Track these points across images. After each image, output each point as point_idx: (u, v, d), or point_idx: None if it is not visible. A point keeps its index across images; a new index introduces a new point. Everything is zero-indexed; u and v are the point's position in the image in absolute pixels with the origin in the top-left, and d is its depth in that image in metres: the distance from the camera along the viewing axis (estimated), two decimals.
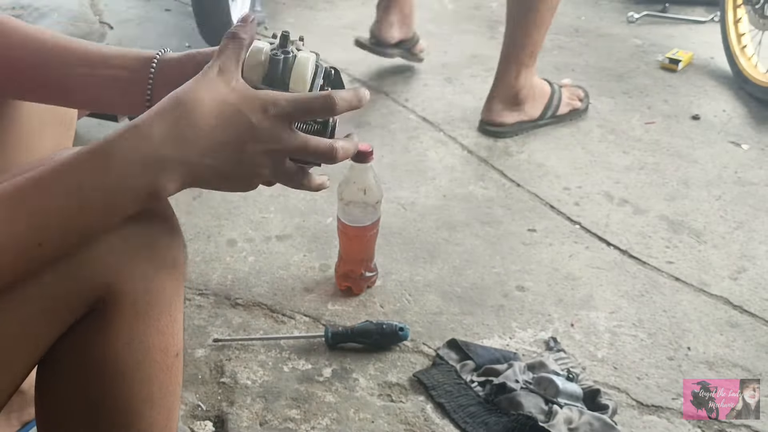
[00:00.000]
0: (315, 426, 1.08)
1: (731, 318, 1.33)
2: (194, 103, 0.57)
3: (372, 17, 2.19)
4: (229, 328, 1.26)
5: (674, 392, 1.17)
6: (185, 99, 0.57)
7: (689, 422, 1.12)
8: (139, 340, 0.63)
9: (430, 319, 1.30)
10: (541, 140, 1.92)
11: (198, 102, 0.57)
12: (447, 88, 2.18)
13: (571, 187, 1.71)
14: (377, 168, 1.72)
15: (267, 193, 1.62)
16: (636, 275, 1.44)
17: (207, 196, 1.60)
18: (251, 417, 1.10)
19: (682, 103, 2.15)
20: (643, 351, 1.25)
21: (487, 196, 1.67)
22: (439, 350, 1.22)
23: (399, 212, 1.59)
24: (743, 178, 1.78)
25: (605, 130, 1.99)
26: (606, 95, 2.18)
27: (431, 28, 2.66)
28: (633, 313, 1.34)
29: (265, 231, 1.51)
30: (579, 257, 1.48)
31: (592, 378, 1.19)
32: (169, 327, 0.66)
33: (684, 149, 1.90)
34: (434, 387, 1.15)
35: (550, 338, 1.26)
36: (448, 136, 1.91)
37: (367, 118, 1.98)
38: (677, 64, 2.35)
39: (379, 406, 1.12)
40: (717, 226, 1.59)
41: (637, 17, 2.78)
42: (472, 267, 1.44)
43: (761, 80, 2.12)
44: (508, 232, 1.55)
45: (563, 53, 2.48)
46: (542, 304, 1.35)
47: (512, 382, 1.12)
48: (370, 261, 1.35)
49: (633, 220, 1.60)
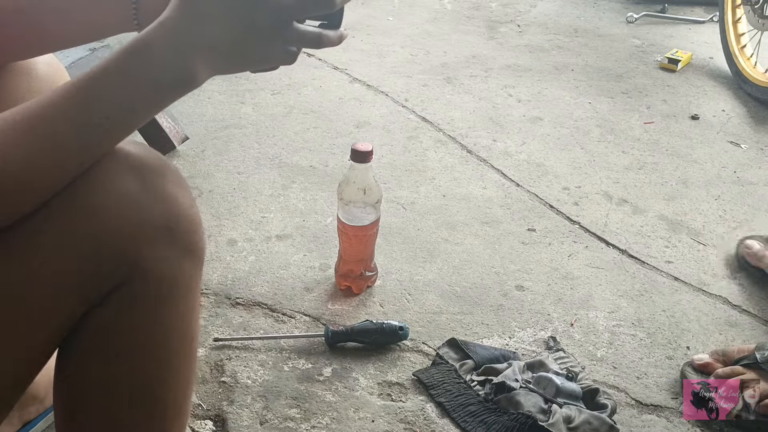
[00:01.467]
0: (315, 425, 1.09)
1: (730, 317, 1.34)
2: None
3: (372, 17, 2.19)
4: (230, 328, 1.26)
5: (673, 392, 1.18)
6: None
7: (689, 422, 1.12)
8: (161, 322, 0.66)
9: (430, 318, 1.30)
10: (541, 140, 1.92)
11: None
12: (446, 88, 2.19)
13: (571, 187, 1.71)
14: (377, 168, 1.72)
15: (267, 193, 1.63)
16: (635, 275, 1.44)
17: (207, 196, 1.61)
18: (251, 416, 1.10)
19: (681, 103, 2.15)
20: (643, 350, 1.26)
21: (487, 195, 1.67)
22: (439, 349, 1.22)
23: (399, 212, 1.59)
24: (742, 177, 1.79)
25: (604, 129, 1.99)
26: (605, 95, 2.19)
27: (431, 28, 2.66)
28: (632, 313, 1.34)
29: (266, 231, 1.51)
30: (578, 257, 1.48)
31: (592, 377, 1.19)
32: (188, 312, 0.68)
33: (683, 149, 1.91)
34: (434, 386, 1.15)
35: (550, 338, 1.26)
36: (448, 136, 1.91)
37: (367, 117, 1.98)
38: (676, 64, 2.35)
39: (379, 406, 1.12)
40: (716, 226, 1.60)
41: (636, 17, 2.78)
42: (471, 266, 1.44)
43: (760, 80, 2.12)
44: (507, 232, 1.55)
45: (563, 53, 2.49)
46: (542, 303, 1.35)
47: (512, 381, 1.12)
48: (370, 261, 1.35)
49: (632, 220, 1.61)
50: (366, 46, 2.47)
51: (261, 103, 2.04)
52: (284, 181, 1.68)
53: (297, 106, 2.03)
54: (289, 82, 2.17)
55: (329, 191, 1.64)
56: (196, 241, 0.66)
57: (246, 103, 2.04)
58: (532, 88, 2.22)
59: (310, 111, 2.01)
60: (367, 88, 2.16)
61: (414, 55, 2.42)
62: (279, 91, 2.11)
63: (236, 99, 2.05)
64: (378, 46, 2.46)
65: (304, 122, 1.95)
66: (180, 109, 1.96)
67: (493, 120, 2.01)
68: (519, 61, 2.41)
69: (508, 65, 2.37)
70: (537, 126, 2.00)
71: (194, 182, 1.66)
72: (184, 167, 1.71)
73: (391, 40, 2.52)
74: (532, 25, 2.74)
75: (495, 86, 2.22)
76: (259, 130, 1.90)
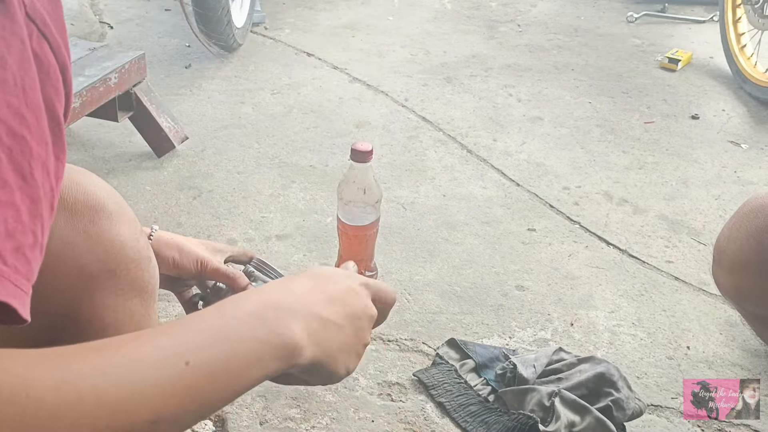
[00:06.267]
0: (315, 425, 1.09)
1: (730, 317, 1.34)
2: (328, 274, 0.58)
3: (372, 17, 2.19)
4: None
5: (673, 391, 1.17)
6: (320, 271, 0.59)
7: (688, 421, 1.12)
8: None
9: (430, 318, 1.30)
10: (541, 140, 1.92)
11: (331, 274, 0.59)
12: (446, 88, 2.19)
13: (571, 187, 1.71)
14: (377, 168, 1.72)
15: (267, 193, 1.62)
16: (635, 274, 1.44)
17: (207, 196, 1.60)
18: (251, 416, 1.10)
19: (681, 103, 2.15)
20: (643, 350, 1.26)
21: (487, 195, 1.67)
22: (439, 349, 1.22)
23: (399, 212, 1.59)
24: (742, 177, 1.79)
25: (604, 129, 1.99)
26: (605, 95, 2.19)
27: (431, 28, 2.66)
28: (632, 313, 1.34)
29: (265, 230, 1.51)
30: (578, 256, 1.48)
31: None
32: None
33: (683, 149, 1.91)
34: (434, 386, 1.15)
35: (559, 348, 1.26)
36: (448, 136, 1.91)
37: (367, 117, 1.98)
38: (676, 63, 2.35)
39: (379, 406, 1.12)
40: (716, 226, 1.59)
41: (636, 17, 2.78)
42: (471, 266, 1.44)
43: (760, 80, 2.12)
44: (507, 232, 1.55)
45: (563, 53, 2.49)
46: (542, 303, 1.35)
47: (528, 366, 1.12)
48: (370, 260, 1.35)
49: (632, 220, 1.61)
50: (366, 45, 2.47)
51: (261, 102, 2.04)
52: (284, 181, 1.68)
53: (297, 106, 2.03)
54: (288, 82, 2.17)
55: (329, 191, 1.64)
56: (144, 278, 0.62)
57: (246, 102, 2.04)
58: (532, 87, 2.22)
59: (309, 111, 2.01)
60: (366, 88, 2.16)
61: (414, 54, 2.42)
62: (279, 91, 2.11)
63: (236, 99, 2.05)
64: (378, 46, 2.46)
65: (303, 122, 1.95)
66: (180, 109, 1.96)
67: (493, 120, 2.01)
68: (519, 61, 2.41)
69: (508, 65, 2.37)
70: (537, 126, 2.00)
71: (194, 182, 1.66)
72: (184, 167, 1.71)
73: (391, 40, 2.52)
74: (532, 24, 2.74)
75: (495, 86, 2.22)
76: (259, 129, 1.90)
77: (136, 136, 1.76)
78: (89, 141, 1.78)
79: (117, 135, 1.81)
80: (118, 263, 0.60)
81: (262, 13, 2.61)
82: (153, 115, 1.70)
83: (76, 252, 0.58)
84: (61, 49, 0.41)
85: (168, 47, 2.38)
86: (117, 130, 1.81)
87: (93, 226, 0.59)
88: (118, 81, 1.56)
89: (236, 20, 2.25)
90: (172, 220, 1.52)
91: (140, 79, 1.65)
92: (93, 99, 1.50)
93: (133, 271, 0.61)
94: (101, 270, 0.59)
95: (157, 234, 0.88)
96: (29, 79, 0.38)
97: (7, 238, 0.36)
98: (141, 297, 0.63)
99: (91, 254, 0.58)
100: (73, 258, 0.58)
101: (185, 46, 2.38)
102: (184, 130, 1.81)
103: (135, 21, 2.58)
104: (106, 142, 1.79)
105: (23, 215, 0.37)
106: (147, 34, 2.48)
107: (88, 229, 0.59)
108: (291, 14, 2.72)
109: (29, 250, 0.38)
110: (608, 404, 1.07)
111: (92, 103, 1.50)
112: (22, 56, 0.37)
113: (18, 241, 0.37)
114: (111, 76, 1.53)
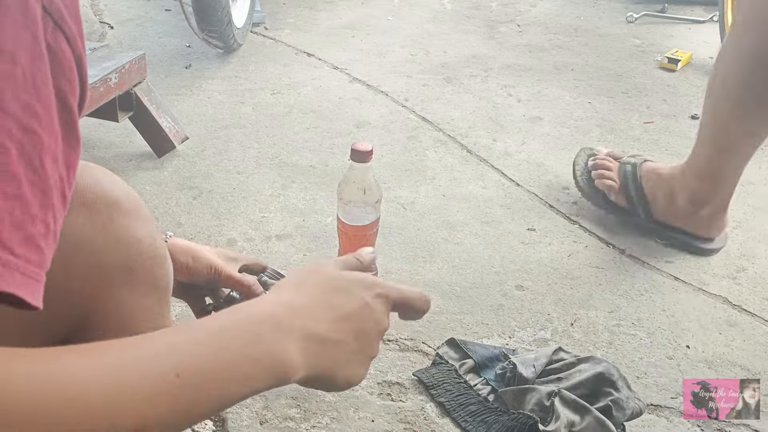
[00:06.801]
0: (315, 425, 1.09)
1: (730, 317, 1.34)
2: (344, 286, 0.57)
3: (372, 17, 2.19)
4: None
5: (673, 391, 1.17)
6: (336, 280, 0.57)
7: (688, 421, 1.12)
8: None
9: (430, 318, 1.30)
10: (541, 140, 1.92)
11: (346, 286, 0.57)
12: (446, 88, 2.19)
13: (571, 187, 1.71)
14: (377, 168, 1.72)
15: (267, 193, 1.63)
16: (635, 274, 1.44)
17: (207, 196, 1.60)
18: (251, 416, 1.10)
19: (681, 103, 2.15)
20: (642, 350, 1.26)
21: (487, 195, 1.67)
22: (439, 349, 1.22)
23: (399, 212, 1.59)
24: (742, 177, 1.78)
25: (604, 129, 1.99)
26: (605, 95, 2.19)
27: (431, 28, 2.66)
28: (632, 312, 1.34)
29: (265, 230, 1.51)
30: (578, 256, 1.48)
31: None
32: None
33: (683, 149, 1.90)
34: (434, 386, 1.15)
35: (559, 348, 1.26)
36: (448, 136, 1.91)
37: (367, 117, 1.98)
38: (676, 63, 2.35)
39: (379, 405, 1.12)
40: None
41: (636, 17, 2.78)
42: (471, 266, 1.44)
43: None
44: (507, 232, 1.55)
45: (563, 53, 2.49)
46: (541, 303, 1.35)
47: (528, 366, 1.12)
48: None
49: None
50: (366, 45, 2.47)
51: (261, 102, 2.04)
52: (284, 181, 1.68)
53: (297, 106, 2.03)
54: (288, 82, 2.17)
55: (329, 191, 1.64)
56: (160, 275, 0.63)
57: (246, 102, 2.04)
58: (532, 87, 2.22)
59: (309, 111, 2.01)
60: (366, 88, 2.16)
61: (414, 54, 2.42)
62: (279, 91, 2.11)
63: (236, 99, 2.05)
64: (378, 46, 2.46)
65: (303, 122, 1.95)
66: (180, 109, 1.96)
67: (493, 120, 2.01)
68: (519, 61, 2.41)
69: (508, 65, 2.37)
70: (537, 126, 2.00)
71: (194, 182, 1.66)
72: (184, 167, 1.71)
73: (391, 40, 2.52)
74: (532, 24, 2.74)
75: (495, 86, 2.22)
76: (259, 129, 1.90)
77: (136, 136, 1.76)
78: (89, 141, 1.78)
79: (117, 135, 1.81)
80: (135, 260, 0.61)
81: (262, 13, 2.61)
82: (153, 115, 1.70)
83: (95, 248, 0.58)
84: (77, 40, 0.42)
85: (168, 47, 2.38)
86: (117, 130, 1.81)
87: (111, 223, 0.59)
88: (118, 81, 1.56)
89: (236, 20, 2.25)
90: (172, 220, 1.52)
91: (140, 79, 1.65)
92: (93, 99, 1.50)
93: (150, 269, 0.62)
94: (119, 266, 0.60)
95: (172, 240, 0.88)
96: (41, 73, 0.39)
97: (15, 229, 0.36)
98: (157, 294, 0.63)
99: (110, 250, 0.59)
100: (92, 254, 0.58)
101: (185, 46, 2.38)
102: (185, 129, 1.81)
103: (135, 21, 2.59)
104: (106, 142, 1.79)
105: (33, 207, 0.38)
106: (147, 34, 2.48)
107: (107, 225, 0.59)
108: (291, 14, 2.72)
109: (42, 239, 0.38)
110: (608, 404, 1.07)
111: (92, 103, 1.50)
112: (33, 51, 0.38)
113: (28, 231, 0.37)
114: (111, 76, 1.53)
